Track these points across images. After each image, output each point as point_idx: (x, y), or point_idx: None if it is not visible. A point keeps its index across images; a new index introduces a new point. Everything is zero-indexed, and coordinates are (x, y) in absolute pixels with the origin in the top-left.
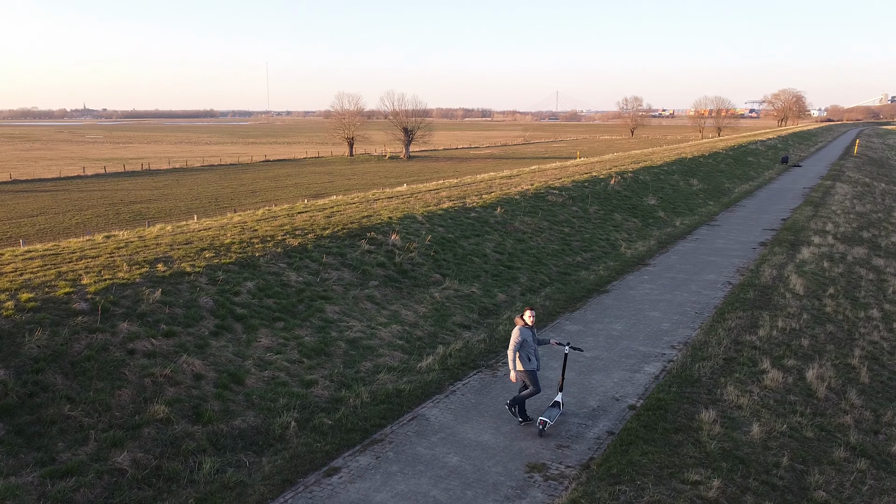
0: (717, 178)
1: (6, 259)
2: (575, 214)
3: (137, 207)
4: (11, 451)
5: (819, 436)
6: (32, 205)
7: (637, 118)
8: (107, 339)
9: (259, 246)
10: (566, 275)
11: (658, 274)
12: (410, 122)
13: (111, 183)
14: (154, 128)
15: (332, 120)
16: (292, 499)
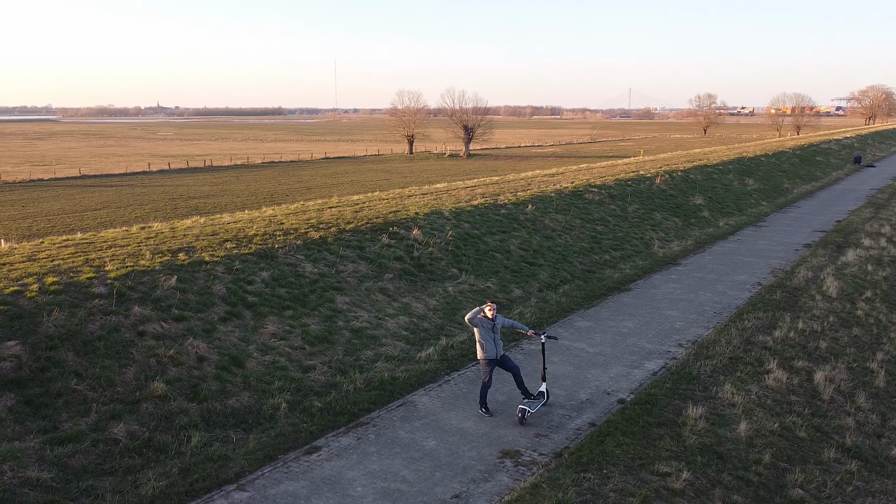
0: (777, 178)
1: (45, 247)
2: (611, 213)
3: (195, 203)
4: (18, 419)
5: (813, 436)
6: (97, 199)
7: (710, 116)
8: (119, 321)
9: (280, 238)
10: (590, 273)
11: (687, 274)
12: (471, 119)
13: (174, 179)
14: (223, 125)
15: (393, 118)
16: (270, 472)
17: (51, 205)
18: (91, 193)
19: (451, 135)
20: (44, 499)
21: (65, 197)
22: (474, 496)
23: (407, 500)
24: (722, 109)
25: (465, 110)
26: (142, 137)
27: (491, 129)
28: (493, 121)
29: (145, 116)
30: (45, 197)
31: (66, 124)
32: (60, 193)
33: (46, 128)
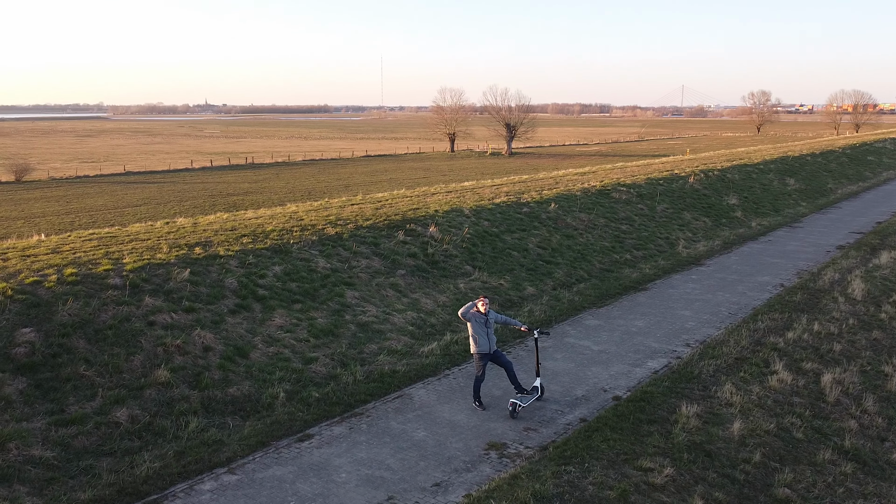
0: (821, 178)
1: (71, 240)
2: (639, 212)
3: (233, 199)
4: (28, 401)
5: (811, 437)
6: (139, 195)
7: (765, 114)
8: (131, 311)
9: (297, 234)
10: (608, 272)
11: (708, 274)
12: (513, 117)
13: (215, 176)
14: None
15: (434, 115)
16: (261, 457)
17: (94, 200)
18: (133, 190)
19: (493, 133)
20: (45, 476)
21: (108, 193)
22: (454, 485)
23: (388, 487)
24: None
25: (507, 108)
26: (188, 135)
27: (533, 128)
28: (535, 119)
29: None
30: (90, 193)
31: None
32: (104, 190)
33: (97, 125)
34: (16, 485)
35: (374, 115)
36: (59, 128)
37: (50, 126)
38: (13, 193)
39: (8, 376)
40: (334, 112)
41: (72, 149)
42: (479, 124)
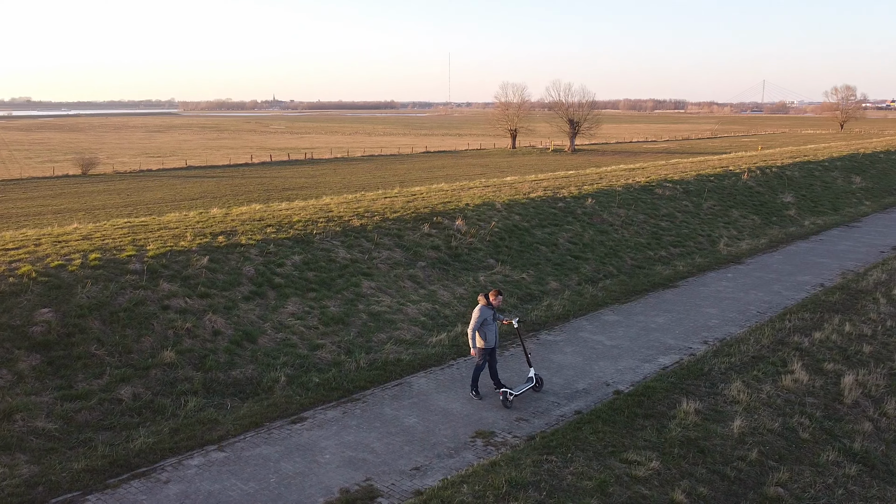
0: (891, 177)
1: (104, 227)
2: (682, 209)
3: (287, 194)
4: (39, 376)
5: (818, 438)
6: (197, 189)
7: (849, 110)
8: (147, 295)
9: (322, 224)
10: (640, 268)
11: (746, 273)
12: (576, 113)
13: (273, 170)
14: (334, 119)
15: (495, 111)
16: (252, 437)
17: (153, 194)
18: (193, 184)
19: (555, 129)
20: (46, 446)
21: (168, 187)
22: (433, 469)
23: (368, 469)
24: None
25: (570, 104)
26: (254, 131)
27: (598, 124)
28: (600, 115)
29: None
30: (150, 186)
31: (186, 118)
32: (164, 183)
33: (167, 121)
34: (17, 453)
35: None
36: (130, 123)
37: (122, 122)
38: (78, 186)
39: (23, 353)
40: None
41: (140, 144)
42: (542, 121)
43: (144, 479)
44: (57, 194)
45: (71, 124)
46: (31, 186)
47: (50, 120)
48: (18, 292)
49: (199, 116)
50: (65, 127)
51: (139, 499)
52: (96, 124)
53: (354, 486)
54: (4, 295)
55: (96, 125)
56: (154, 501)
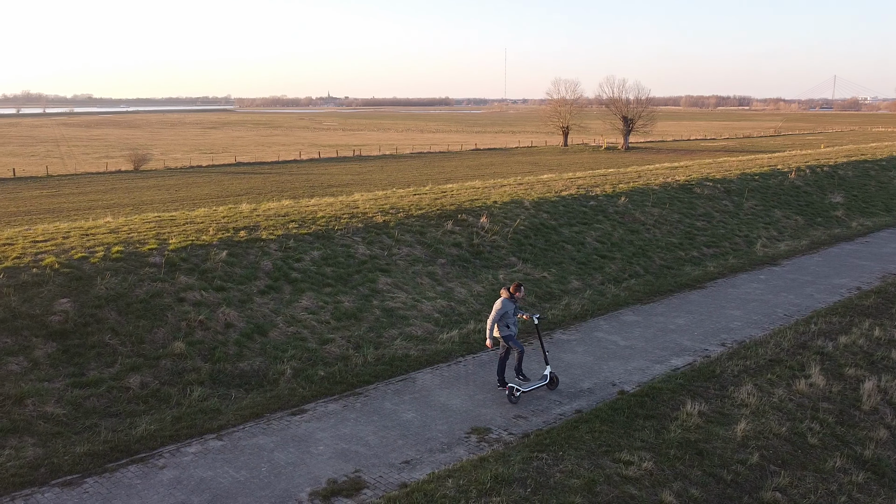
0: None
1: (133, 222)
2: (721, 208)
3: (332, 190)
4: (54, 364)
5: (827, 444)
6: (243, 185)
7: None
8: (164, 288)
9: (345, 220)
10: (668, 268)
11: (779, 275)
12: (631, 110)
13: (321, 167)
14: (387, 115)
15: (547, 108)
16: (251, 427)
17: (201, 189)
18: (240, 180)
19: (609, 126)
20: (53, 430)
21: (216, 183)
22: (423, 463)
23: (359, 461)
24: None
25: (624, 100)
26: (307, 127)
27: (653, 121)
28: (655, 112)
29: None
30: (199, 182)
31: (241, 114)
32: (213, 179)
33: (222, 117)
34: (25, 436)
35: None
36: (186, 120)
37: (178, 118)
38: (130, 182)
39: (40, 341)
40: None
41: (195, 140)
42: (595, 118)
43: (142, 464)
44: (108, 189)
45: (129, 121)
46: (85, 181)
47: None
48: (40, 283)
49: (254, 113)
50: (123, 123)
51: (134, 483)
52: (153, 121)
53: (343, 476)
54: (27, 285)
55: (153, 122)
56: (147, 486)
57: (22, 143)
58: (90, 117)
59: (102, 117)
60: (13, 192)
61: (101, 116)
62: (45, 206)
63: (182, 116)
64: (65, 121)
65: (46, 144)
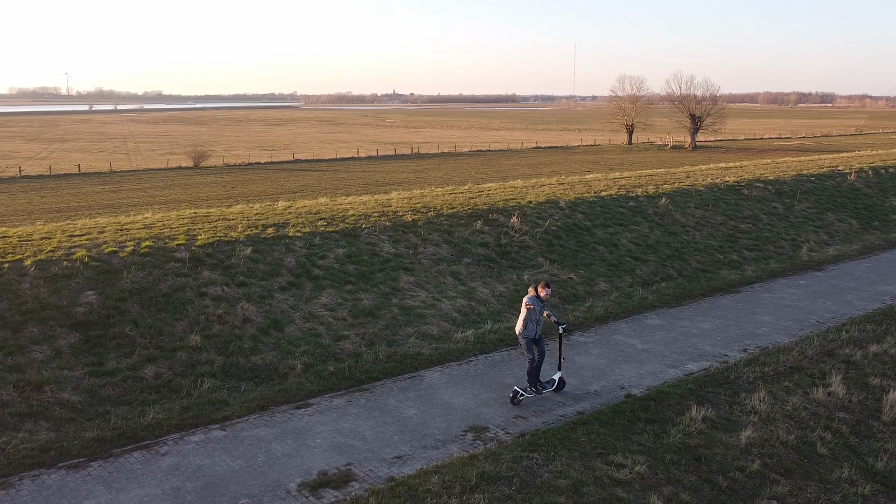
0: None
1: (169, 218)
2: (770, 210)
3: (386, 188)
4: (75, 353)
5: (837, 454)
6: (299, 182)
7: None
8: (186, 282)
9: (374, 219)
10: (704, 272)
11: (821, 280)
12: (699, 107)
13: (377, 165)
14: (451, 112)
15: (611, 105)
16: (254, 419)
17: (256, 186)
18: (296, 177)
19: (675, 124)
20: (67, 416)
21: (272, 180)
22: (414, 459)
23: (352, 455)
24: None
25: (693, 97)
26: (370, 125)
27: (722, 119)
28: (725, 109)
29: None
30: (255, 179)
31: (305, 111)
32: (269, 176)
33: (287, 114)
34: (40, 420)
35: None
36: (252, 116)
37: (244, 115)
38: (188, 178)
39: (64, 331)
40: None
41: (258, 137)
42: (661, 115)
43: (146, 450)
44: (167, 185)
45: (195, 117)
46: (146, 177)
47: (177, 113)
48: (70, 275)
49: (318, 110)
50: (189, 120)
51: (135, 468)
52: (219, 117)
53: (333, 469)
54: (57, 277)
55: (219, 118)
56: (147, 471)
57: (91, 140)
58: (159, 114)
59: (170, 114)
60: (77, 187)
61: (169, 113)
62: (106, 202)
63: (247, 113)
64: (134, 117)
65: (114, 141)
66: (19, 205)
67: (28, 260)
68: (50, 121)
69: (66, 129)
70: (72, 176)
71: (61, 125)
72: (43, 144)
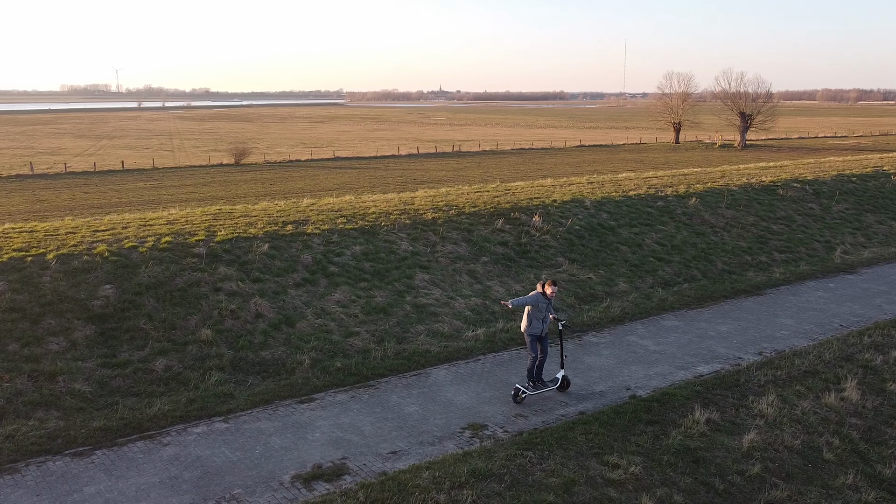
0: None
1: (193, 214)
2: (806, 211)
3: (423, 186)
4: (90, 345)
5: (844, 460)
6: (337, 180)
7: None
8: (202, 278)
9: (394, 217)
10: (729, 273)
11: (852, 283)
12: (749, 105)
13: (417, 163)
14: (497, 110)
15: (658, 103)
16: (258, 412)
17: (294, 184)
18: (335, 174)
19: (725, 122)
20: (76, 405)
21: (310, 177)
22: (409, 454)
23: (348, 449)
24: None
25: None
26: (414, 122)
27: (774, 117)
28: (776, 107)
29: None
30: (295, 177)
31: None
32: (308, 174)
33: (332, 111)
34: (51, 409)
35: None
36: (297, 114)
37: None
38: (228, 175)
39: (80, 323)
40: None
41: (301, 134)
42: (710, 113)
43: (149, 440)
44: (207, 182)
45: (241, 114)
46: (187, 174)
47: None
48: (89, 269)
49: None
50: (235, 117)
51: (137, 456)
52: (264, 114)
53: (328, 462)
54: (77, 271)
55: (264, 115)
56: (148, 460)
57: (138, 137)
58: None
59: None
60: (120, 183)
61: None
62: (146, 198)
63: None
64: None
65: (160, 137)
66: (62, 200)
67: (51, 254)
68: (99, 118)
69: (115, 125)
70: (115, 172)
71: (110, 122)
72: (91, 141)
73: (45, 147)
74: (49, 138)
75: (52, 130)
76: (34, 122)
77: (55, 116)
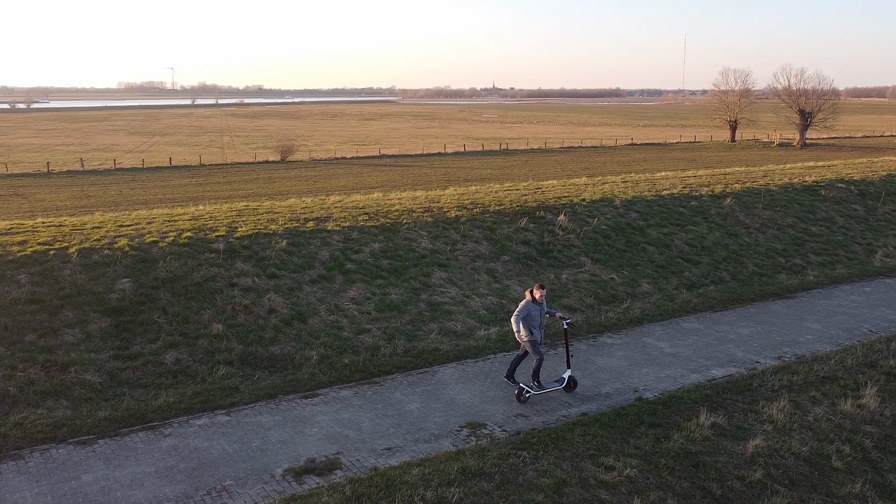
0: None
1: (218, 210)
2: (849, 213)
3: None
4: (104, 337)
5: (853, 469)
6: (380, 177)
7: None
8: (219, 273)
9: (416, 215)
10: (760, 275)
11: (890, 288)
12: (809, 102)
13: (463, 161)
14: (550, 108)
15: (714, 100)
16: (260, 406)
17: (338, 181)
18: (379, 172)
19: (783, 121)
20: (86, 396)
21: (355, 175)
22: (403, 451)
23: (344, 444)
24: None
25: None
26: (465, 120)
27: (836, 114)
28: (838, 104)
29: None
30: (338, 174)
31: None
32: (353, 171)
33: (383, 109)
34: (61, 399)
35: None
36: (347, 111)
37: (340, 109)
38: (273, 172)
39: (96, 316)
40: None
41: (351, 131)
42: (768, 111)
43: (151, 431)
44: (252, 179)
45: (293, 112)
46: (233, 171)
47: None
48: (109, 263)
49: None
50: (286, 114)
51: (137, 446)
52: (315, 112)
53: (322, 457)
54: (97, 265)
55: (315, 112)
56: (147, 450)
57: (190, 133)
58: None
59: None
60: (166, 180)
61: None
62: (189, 195)
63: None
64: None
65: (211, 135)
66: (109, 196)
67: (73, 248)
68: (153, 115)
69: (167, 122)
70: (163, 169)
71: (163, 119)
72: (143, 138)
73: (98, 144)
74: (103, 135)
75: (107, 127)
76: (90, 119)
77: (111, 113)
